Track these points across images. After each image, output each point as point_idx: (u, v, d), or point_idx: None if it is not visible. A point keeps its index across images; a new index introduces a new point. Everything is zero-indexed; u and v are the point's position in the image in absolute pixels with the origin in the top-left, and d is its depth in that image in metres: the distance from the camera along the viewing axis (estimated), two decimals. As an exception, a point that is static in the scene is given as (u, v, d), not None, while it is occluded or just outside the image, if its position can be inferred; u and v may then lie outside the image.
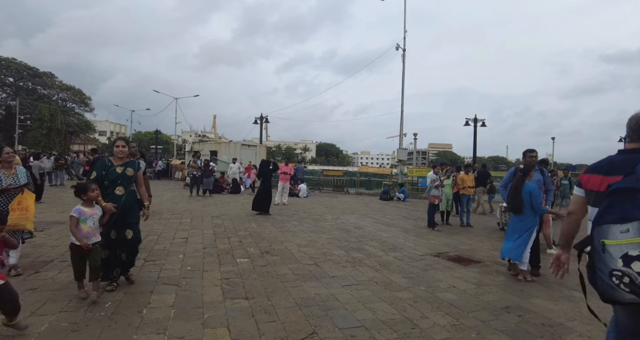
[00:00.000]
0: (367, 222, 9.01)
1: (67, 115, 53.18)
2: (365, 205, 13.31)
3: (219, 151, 22.89)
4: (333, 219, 9.29)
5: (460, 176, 8.86)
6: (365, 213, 10.76)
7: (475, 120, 24.15)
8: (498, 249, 6.40)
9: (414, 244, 6.59)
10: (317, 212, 10.60)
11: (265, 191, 9.57)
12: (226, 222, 8.09)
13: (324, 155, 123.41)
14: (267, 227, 7.70)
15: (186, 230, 6.99)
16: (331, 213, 10.43)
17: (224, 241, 6.18)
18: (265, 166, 9.94)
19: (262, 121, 25.49)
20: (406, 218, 10.12)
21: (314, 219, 9.14)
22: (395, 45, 20.93)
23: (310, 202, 13.33)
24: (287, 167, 12.28)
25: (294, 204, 12.39)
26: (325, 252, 5.60)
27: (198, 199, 13.13)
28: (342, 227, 8.00)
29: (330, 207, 11.92)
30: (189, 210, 9.92)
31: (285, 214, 9.88)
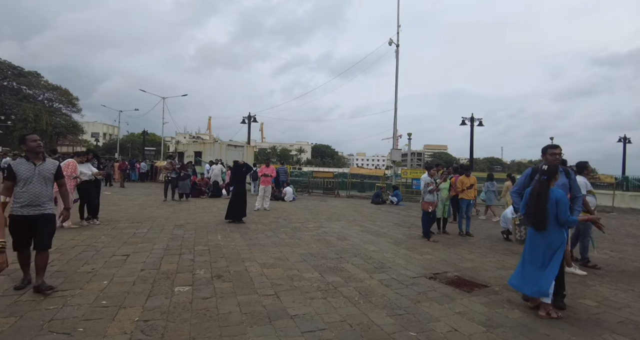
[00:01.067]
0: (354, 231, 7.89)
1: (54, 116, 51.69)
2: (355, 209, 12.21)
3: (203, 152, 21.72)
4: (315, 227, 8.16)
5: (459, 178, 7.77)
6: (354, 219, 9.64)
7: (472, 119, 23.20)
8: (506, 266, 5.31)
9: (405, 260, 5.48)
10: (300, 218, 9.46)
11: (239, 197, 8.43)
12: (188, 233, 6.93)
13: (319, 156, 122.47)
14: (233, 239, 6.55)
15: (134, 244, 5.83)
16: (315, 220, 9.30)
17: (173, 259, 5.04)
18: (237, 169, 8.80)
19: (250, 120, 24.33)
20: (398, 225, 9.01)
21: (293, 227, 8.01)
22: (388, 40, 19.94)
23: (294, 207, 12.20)
24: (268, 168, 11.15)
25: (276, 210, 11.25)
26: (294, 276, 4.46)
27: (172, 203, 11.95)
28: (323, 238, 6.87)
29: (315, 213, 10.79)
30: (152, 217, 8.75)
31: (261, 221, 8.73)
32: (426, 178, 7.05)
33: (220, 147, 21.21)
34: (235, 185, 8.69)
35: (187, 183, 13.19)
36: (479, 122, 23.43)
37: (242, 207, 8.41)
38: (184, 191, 13.11)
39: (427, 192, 6.97)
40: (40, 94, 51.42)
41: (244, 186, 8.70)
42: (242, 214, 8.39)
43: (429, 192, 6.97)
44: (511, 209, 7.37)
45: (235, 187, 8.68)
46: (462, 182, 7.62)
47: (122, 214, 9.02)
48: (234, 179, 8.95)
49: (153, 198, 13.41)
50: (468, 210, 7.74)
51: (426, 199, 6.99)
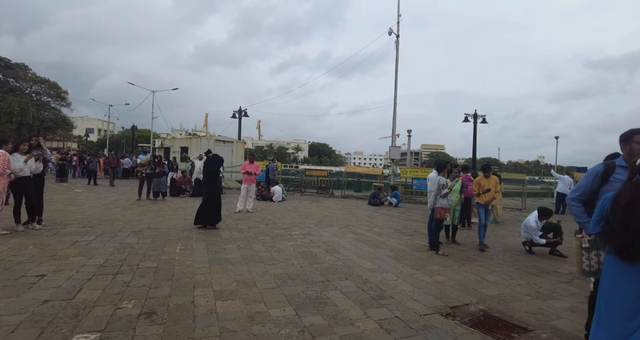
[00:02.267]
0: (347, 240, 6.61)
1: (43, 110, 50.04)
2: (350, 212, 10.93)
3: (190, 147, 20.38)
4: (301, 235, 6.87)
5: (476, 180, 6.49)
6: (347, 225, 8.36)
7: (475, 116, 21.99)
8: (542, 294, 4.07)
9: (411, 285, 4.21)
10: (285, 223, 8.17)
11: (210, 198, 7.12)
12: (142, 242, 5.63)
13: (316, 155, 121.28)
14: (195, 251, 5.25)
15: (63, 259, 4.53)
16: (302, 225, 8.01)
17: (101, 283, 3.74)
18: (211, 164, 7.48)
19: (240, 115, 22.97)
20: (399, 232, 7.74)
21: (274, 235, 6.72)
22: (388, 30, 18.64)
23: (282, 209, 10.90)
24: (252, 165, 9.84)
25: (261, 212, 9.95)
26: (257, 314, 3.17)
27: (144, 203, 10.62)
28: (308, 251, 5.58)
29: (305, 216, 9.51)
30: (111, 220, 7.43)
31: (238, 227, 7.44)
32: (438, 178, 5.77)
33: (208, 143, 19.86)
34: (206, 184, 7.37)
35: (163, 181, 11.86)
36: (482, 119, 22.24)
37: (215, 210, 7.11)
38: (159, 190, 11.78)
39: (441, 196, 5.69)
40: (27, 86, 49.68)
41: (216, 185, 7.39)
42: (214, 218, 7.09)
43: (442, 196, 5.70)
44: (535, 216, 6.12)
45: (206, 185, 7.37)
46: (478, 184, 6.33)
47: (77, 217, 7.70)
48: (204, 176, 7.63)
49: (127, 197, 12.08)
50: (487, 217, 6.46)
51: (441, 204, 5.72)
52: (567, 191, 13.15)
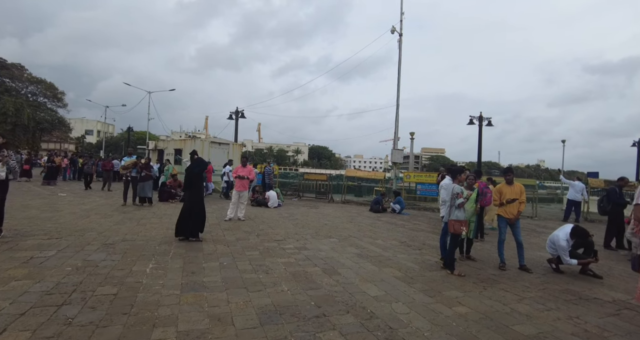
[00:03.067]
0: (348, 255, 5.80)
1: (39, 111, 49.34)
2: (351, 219, 10.12)
3: (184, 149, 19.55)
4: (295, 249, 6.06)
5: (497, 187, 5.65)
6: (348, 236, 7.55)
7: (481, 118, 21.20)
8: (595, 333, 3.24)
9: (427, 320, 3.39)
10: (279, 233, 7.36)
11: (192, 206, 6.32)
12: (109, 259, 4.82)
13: (316, 158, 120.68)
14: (168, 271, 4.44)
15: (4, 282, 3.72)
16: (298, 236, 7.21)
17: (34, 321, 2.93)
18: (194, 168, 6.68)
19: (237, 116, 22.20)
20: (406, 245, 6.93)
21: (264, 249, 5.90)
22: (391, 28, 17.94)
23: (277, 216, 10.09)
24: (244, 169, 9.04)
25: (254, 219, 9.15)
26: (227, 372, 2.37)
27: (128, 210, 9.81)
28: (302, 271, 4.77)
29: (301, 225, 8.69)
30: (84, 230, 6.63)
31: (225, 238, 6.62)
32: (455, 186, 4.97)
33: (203, 145, 19.06)
34: (187, 189, 6.56)
35: (148, 185, 11.05)
36: (487, 122, 21.45)
37: (198, 219, 6.30)
38: (144, 195, 10.97)
39: (456, 206, 4.90)
40: (23, 87, 49.01)
41: (199, 190, 6.58)
42: (197, 228, 6.28)
43: (457, 207, 4.90)
44: (566, 235, 5.30)
45: (187, 191, 6.55)
46: (499, 193, 5.50)
47: (47, 226, 6.89)
48: (185, 180, 6.83)
49: (112, 202, 11.27)
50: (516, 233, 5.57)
51: (456, 216, 4.92)
52: (578, 198, 12.33)
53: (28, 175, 17.85)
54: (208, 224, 8.11)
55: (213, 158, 19.69)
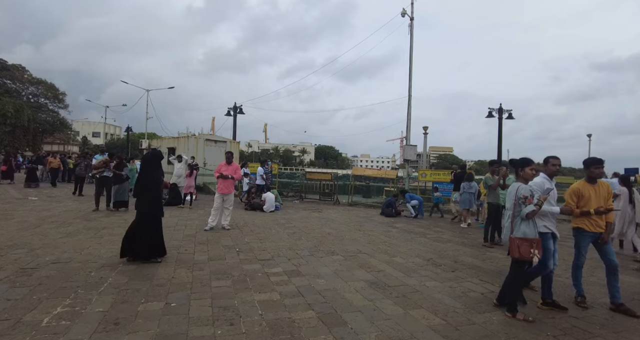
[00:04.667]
0: (357, 285, 4.14)
1: (40, 112, 48.63)
2: (360, 226, 8.45)
3: (177, 148, 18.10)
4: (285, 274, 4.41)
5: (573, 187, 3.77)
6: (357, 251, 5.88)
7: (501, 110, 19.36)
8: None
9: None
10: (267, 249, 5.73)
11: (145, 219, 4.70)
12: (6, 296, 3.24)
13: (322, 158, 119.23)
14: (77, 322, 2.82)
15: None
16: (292, 253, 5.56)
17: None
18: (150, 162, 5.03)
19: (235, 112, 20.67)
20: (434, 265, 5.23)
21: (241, 276, 4.27)
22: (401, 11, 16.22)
23: (272, 223, 8.47)
24: (229, 167, 7.44)
25: (241, 228, 7.54)
26: None
27: (96, 217, 8.28)
28: (286, 320, 3.12)
29: (298, 235, 7.06)
30: (15, 246, 5.10)
31: (194, 258, 5.01)
32: (520, 186, 3.26)
33: (197, 142, 17.58)
34: (138, 194, 4.90)
35: (125, 188, 9.52)
36: (508, 115, 19.59)
37: (154, 235, 4.68)
38: (121, 199, 9.44)
39: (523, 217, 3.20)
40: (24, 88, 48.31)
41: (154, 198, 4.90)
42: (153, 247, 4.68)
43: (525, 218, 3.20)
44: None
45: (139, 200, 4.88)
46: (578, 195, 3.62)
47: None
48: (136, 184, 5.20)
49: (85, 207, 9.74)
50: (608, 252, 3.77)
51: (523, 233, 3.21)
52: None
53: (9, 177, 16.49)
54: (182, 235, 6.54)
55: (209, 157, 18.22)
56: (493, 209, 6.78)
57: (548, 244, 3.44)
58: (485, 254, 6.10)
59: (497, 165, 6.97)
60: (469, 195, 9.46)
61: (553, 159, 3.61)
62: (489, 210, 6.91)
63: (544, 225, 3.43)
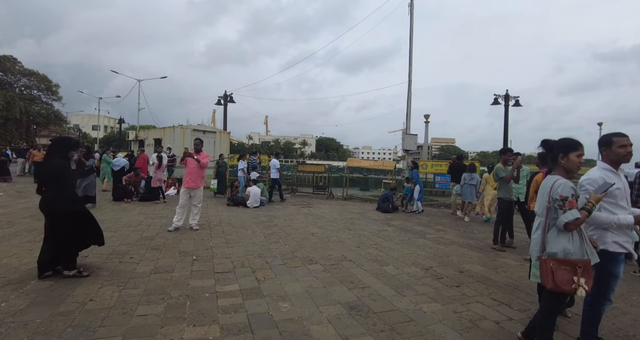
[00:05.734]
0: (331, 311, 3.15)
1: (34, 105, 47.69)
2: (351, 224, 7.46)
3: (163, 139, 17.12)
4: (241, 294, 3.43)
5: None
6: (341, 257, 4.89)
7: (507, 97, 18.16)
8: None
9: None
10: (233, 256, 4.75)
11: (59, 225, 3.68)
12: None
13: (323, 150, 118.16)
14: None
15: None
16: (260, 260, 4.58)
17: None
18: (53, 150, 3.93)
19: (226, 100, 19.55)
20: (434, 277, 4.23)
21: (180, 299, 3.29)
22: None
23: (251, 221, 7.49)
24: (199, 156, 6.39)
25: (214, 227, 6.57)
26: None
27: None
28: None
29: (276, 236, 6.07)
30: None
31: (135, 270, 4.03)
32: (559, 181, 2.21)
33: (184, 133, 16.56)
34: (39, 190, 3.83)
35: (91, 182, 8.54)
36: (514, 101, 18.39)
37: (61, 243, 3.67)
38: (86, 193, 8.47)
39: (560, 227, 2.17)
40: (16, 80, 47.24)
41: (61, 196, 3.81)
42: (72, 253, 3.69)
43: (562, 229, 2.16)
44: None
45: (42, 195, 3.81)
46: None
47: None
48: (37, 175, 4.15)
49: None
50: None
51: (565, 250, 2.16)
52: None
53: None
54: (138, 237, 5.56)
55: (196, 148, 17.24)
56: (505, 206, 5.75)
57: (617, 270, 2.35)
58: (495, 259, 5.09)
59: (510, 153, 5.91)
60: (470, 187, 8.80)
61: (618, 137, 2.37)
62: (499, 207, 5.89)
63: (615, 241, 2.35)
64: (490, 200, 8.69)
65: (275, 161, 11.65)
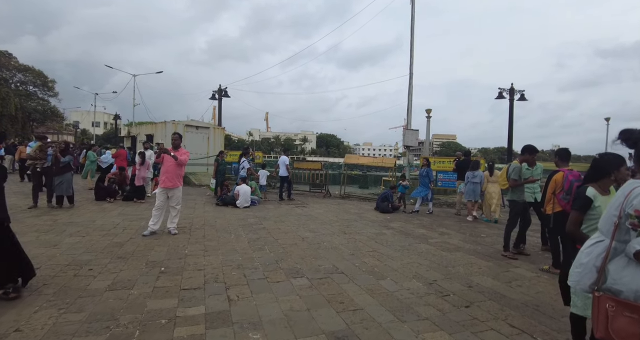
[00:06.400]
0: None
1: (30, 101, 47.12)
2: (347, 226, 6.86)
3: (155, 134, 16.50)
4: (202, 322, 2.82)
5: None
6: (332, 268, 4.29)
7: (512, 91, 17.49)
8: None
9: None
10: (208, 267, 4.16)
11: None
12: None
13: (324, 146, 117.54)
14: None
15: None
16: (238, 273, 3.98)
17: None
18: None
19: (220, 95, 18.91)
20: (439, 294, 3.62)
21: (132, 324, 2.68)
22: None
23: (237, 224, 6.89)
24: (176, 153, 5.76)
25: (195, 231, 5.97)
26: None
27: (23, 217, 6.74)
28: None
29: (261, 243, 5.47)
30: None
31: (89, 286, 3.43)
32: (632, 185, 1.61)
33: (175, 128, 15.93)
34: None
35: (67, 180, 7.94)
36: (520, 96, 17.71)
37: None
38: (62, 193, 7.89)
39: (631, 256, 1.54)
40: (11, 75, 46.56)
41: None
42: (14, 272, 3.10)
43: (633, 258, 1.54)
44: None
45: None
46: None
47: None
48: None
49: (23, 203, 8.19)
50: None
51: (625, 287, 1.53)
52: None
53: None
54: (107, 243, 4.98)
55: (189, 144, 16.60)
56: (518, 209, 5.13)
57: None
58: (508, 270, 4.49)
59: (535, 152, 5.14)
60: (474, 185, 8.35)
61: None
62: (511, 210, 5.27)
63: None
64: (496, 199, 8.11)
65: (285, 158, 11.10)
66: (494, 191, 8.13)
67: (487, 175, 8.44)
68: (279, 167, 11.02)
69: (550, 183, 4.46)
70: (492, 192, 8.14)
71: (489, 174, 8.39)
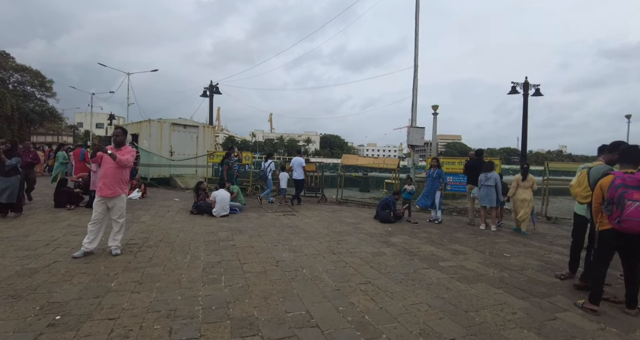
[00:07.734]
0: None
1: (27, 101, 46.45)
2: (337, 243, 5.60)
3: (140, 134, 15.37)
4: None
5: None
6: (303, 319, 3.02)
7: (527, 85, 16.12)
8: None
9: None
10: (124, 316, 2.91)
11: None
12: None
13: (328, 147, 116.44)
14: None
15: None
16: (159, 330, 2.73)
17: None
18: None
19: (212, 91, 17.74)
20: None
21: None
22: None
23: (201, 240, 5.64)
24: (118, 152, 4.55)
25: (144, 250, 4.73)
26: None
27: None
28: None
29: (220, 271, 4.23)
30: None
31: None
32: None
33: (161, 127, 14.80)
34: None
35: (13, 184, 6.75)
36: (535, 91, 16.34)
37: None
38: (5, 200, 6.70)
39: None
40: (8, 76, 45.94)
41: None
42: None
43: None
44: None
45: None
46: None
47: None
48: None
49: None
50: None
51: None
52: None
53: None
54: (19, 268, 3.76)
55: (176, 144, 15.47)
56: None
57: None
58: (554, 316, 3.18)
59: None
60: (488, 188, 7.22)
61: None
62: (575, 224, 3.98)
63: None
64: (525, 207, 6.83)
65: (301, 159, 10.15)
66: (525, 198, 6.85)
67: (518, 179, 7.17)
68: (294, 169, 10.02)
69: (595, 190, 3.31)
70: (524, 200, 6.87)
71: (521, 178, 7.11)
